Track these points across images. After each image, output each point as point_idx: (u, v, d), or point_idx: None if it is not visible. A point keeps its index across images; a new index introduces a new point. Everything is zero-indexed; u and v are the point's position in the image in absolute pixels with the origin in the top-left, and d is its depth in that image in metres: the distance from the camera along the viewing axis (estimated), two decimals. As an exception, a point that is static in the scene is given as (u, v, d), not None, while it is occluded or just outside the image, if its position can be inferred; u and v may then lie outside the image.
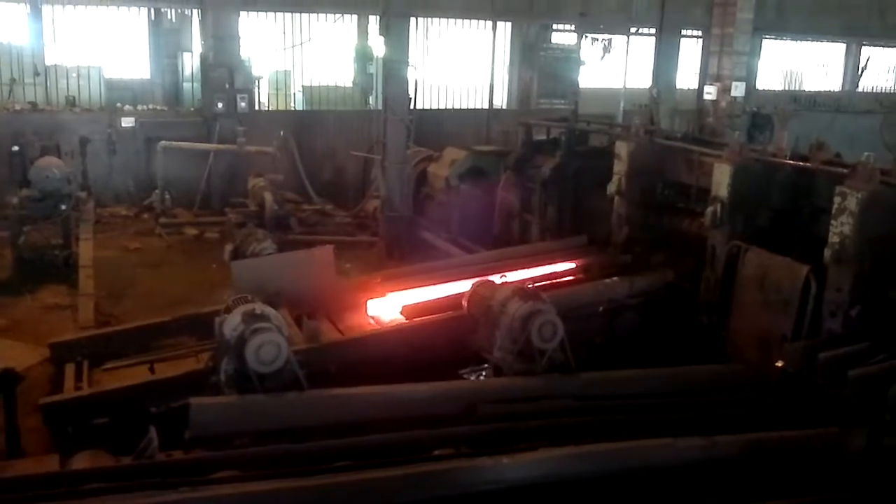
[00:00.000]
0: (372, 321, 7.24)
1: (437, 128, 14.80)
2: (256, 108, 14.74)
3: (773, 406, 5.82)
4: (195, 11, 14.78)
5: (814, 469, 5.07)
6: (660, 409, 5.62)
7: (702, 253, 7.52)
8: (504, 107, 17.53)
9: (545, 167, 10.04)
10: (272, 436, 4.95)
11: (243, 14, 14.51)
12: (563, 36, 18.08)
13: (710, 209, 7.23)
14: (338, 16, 16.14)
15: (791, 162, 7.08)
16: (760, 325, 6.65)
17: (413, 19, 12.60)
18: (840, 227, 6.05)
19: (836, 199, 6.08)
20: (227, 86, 13.74)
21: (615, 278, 7.78)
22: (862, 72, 23.35)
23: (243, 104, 13.81)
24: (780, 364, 6.01)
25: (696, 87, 15.36)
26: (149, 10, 15.15)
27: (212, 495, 4.03)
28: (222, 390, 5.22)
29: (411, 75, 11.31)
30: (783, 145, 7.32)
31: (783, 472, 5.03)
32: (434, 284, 7.78)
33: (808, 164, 6.92)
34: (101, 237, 11.39)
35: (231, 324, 5.23)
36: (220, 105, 13.68)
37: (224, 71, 13.77)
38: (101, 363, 6.48)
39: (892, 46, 23.95)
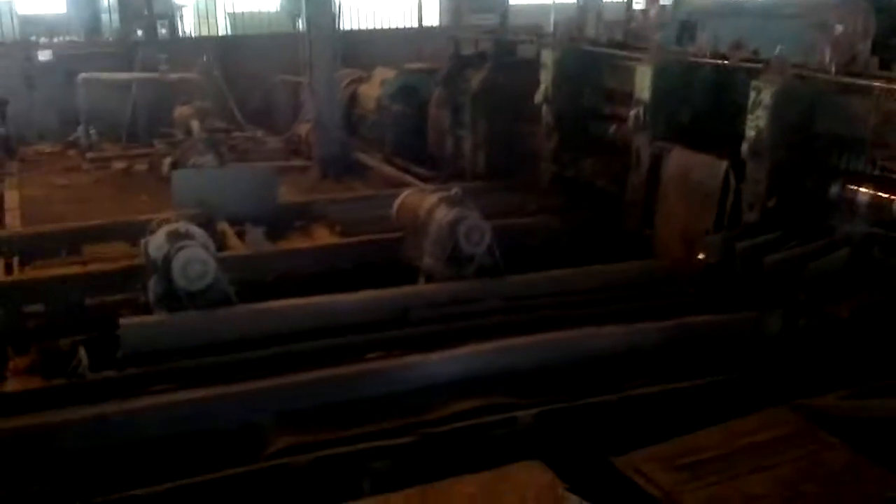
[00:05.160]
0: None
1: (368, 49, 14.50)
2: (179, 34, 14.30)
3: (695, 296, 6.04)
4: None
5: (733, 351, 5.30)
6: (585, 304, 5.77)
7: (628, 157, 7.63)
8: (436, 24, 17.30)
9: (474, 80, 9.99)
10: (205, 351, 4.97)
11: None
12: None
13: (633, 112, 7.29)
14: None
15: (709, 60, 7.15)
16: (684, 223, 6.78)
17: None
18: (756, 121, 6.12)
19: (752, 94, 6.13)
20: (145, 12, 13.26)
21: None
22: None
23: (164, 31, 13.37)
24: (701, 257, 6.20)
25: (625, -1, 15.29)
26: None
27: (141, 406, 4.07)
28: (152, 311, 5.23)
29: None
30: (704, 45, 7.36)
31: (704, 355, 5.24)
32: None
33: (725, 62, 7.00)
34: (26, 175, 11.07)
35: (156, 243, 5.20)
36: (139, 33, 13.21)
37: (142, -4, 13.29)
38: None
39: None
